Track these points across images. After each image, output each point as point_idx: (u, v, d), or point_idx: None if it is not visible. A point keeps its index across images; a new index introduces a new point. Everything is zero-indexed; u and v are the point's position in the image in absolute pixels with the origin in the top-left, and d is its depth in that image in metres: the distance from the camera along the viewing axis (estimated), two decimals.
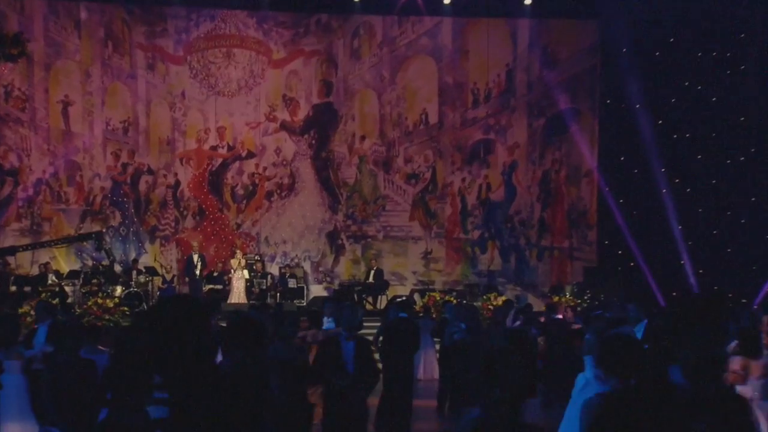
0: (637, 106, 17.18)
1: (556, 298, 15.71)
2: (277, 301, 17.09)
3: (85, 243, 17.83)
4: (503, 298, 15.55)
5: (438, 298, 16.05)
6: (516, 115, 19.53)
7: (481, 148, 19.80)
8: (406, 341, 7.97)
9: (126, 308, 14.59)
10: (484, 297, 16.44)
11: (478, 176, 19.86)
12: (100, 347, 6.01)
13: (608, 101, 18.27)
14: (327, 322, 8.49)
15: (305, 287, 18.42)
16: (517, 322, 10.93)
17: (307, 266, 19.64)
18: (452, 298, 16.00)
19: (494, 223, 19.67)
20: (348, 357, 5.56)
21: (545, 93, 19.00)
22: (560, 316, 11.21)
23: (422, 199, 19.98)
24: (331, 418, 5.68)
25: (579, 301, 15.95)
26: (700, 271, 16.85)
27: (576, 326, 10.10)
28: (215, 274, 18.30)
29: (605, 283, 16.85)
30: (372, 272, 18.20)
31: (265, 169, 20.22)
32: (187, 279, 18.03)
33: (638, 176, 17.55)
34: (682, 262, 16.95)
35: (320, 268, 19.95)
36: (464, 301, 15.22)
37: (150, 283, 17.38)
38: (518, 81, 19.34)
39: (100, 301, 14.45)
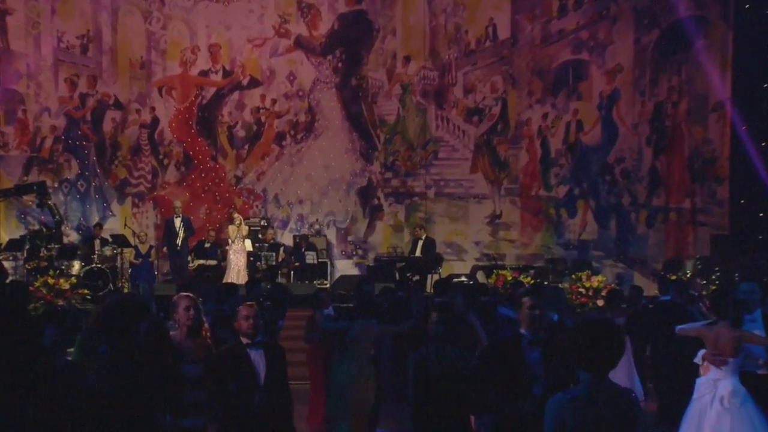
0: None
1: (673, 277, 13.73)
2: (290, 280, 16.57)
3: (26, 199, 17.17)
4: (600, 278, 14.96)
5: (509, 278, 15.08)
6: (618, 27, 18.23)
7: (569, 72, 18.63)
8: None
9: (86, 291, 14.11)
10: (573, 276, 15.34)
11: (566, 111, 18.60)
12: None
13: (747, 5, 16.78)
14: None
15: (329, 263, 17.94)
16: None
17: (331, 235, 19.11)
18: (529, 278, 15.17)
19: (587, 175, 18.42)
20: None
21: None
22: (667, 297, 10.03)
23: (488, 143, 19.03)
24: None
25: (704, 281, 14.87)
26: None
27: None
28: (207, 245, 17.16)
29: (741, 257, 15.75)
30: (420, 243, 17.07)
31: (274, 102, 19.55)
32: (165, 249, 17.24)
33: None
34: None
35: (349, 238, 19.29)
36: (545, 283, 14.94)
37: (118, 257, 16.46)
38: None
39: (51, 281, 13.85)
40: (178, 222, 16.54)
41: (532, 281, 14.69)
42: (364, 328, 7.36)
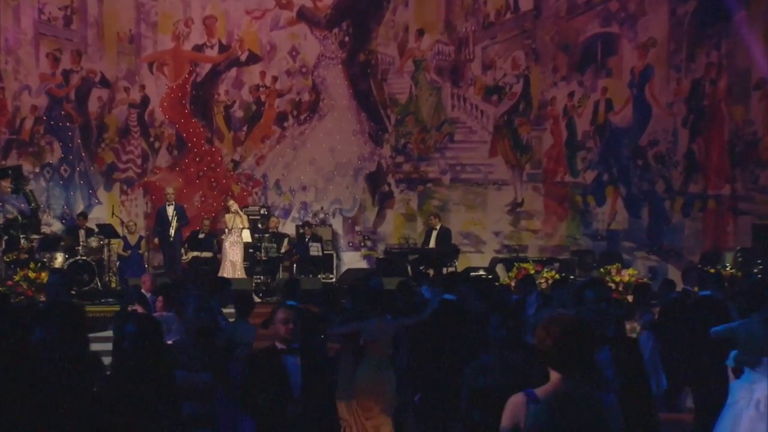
0: None
1: (712, 270, 13.95)
2: (293, 275, 16.28)
3: (3, 185, 16.88)
4: (631, 272, 15.23)
5: (532, 271, 15.10)
6: None
7: (598, 47, 18.68)
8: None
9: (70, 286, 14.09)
10: (602, 270, 15.45)
11: (594, 90, 18.62)
12: None
13: None
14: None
15: (335, 255, 17.83)
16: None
17: (337, 224, 18.98)
18: (553, 272, 15.51)
19: (617, 159, 18.47)
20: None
21: None
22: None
23: (509, 124, 19.00)
24: None
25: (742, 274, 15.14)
26: None
27: None
28: (201, 235, 17.15)
29: None
30: (434, 233, 16.95)
31: (275, 79, 19.39)
32: (156, 239, 17.21)
33: None
34: None
35: (357, 228, 19.19)
36: (571, 277, 14.61)
37: (105, 249, 16.31)
38: None
39: (32, 274, 14.03)
40: (170, 210, 16.33)
41: (557, 275, 14.91)
42: (379, 326, 7.26)
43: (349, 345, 7.41)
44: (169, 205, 16.35)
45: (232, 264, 15.86)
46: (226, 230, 16.13)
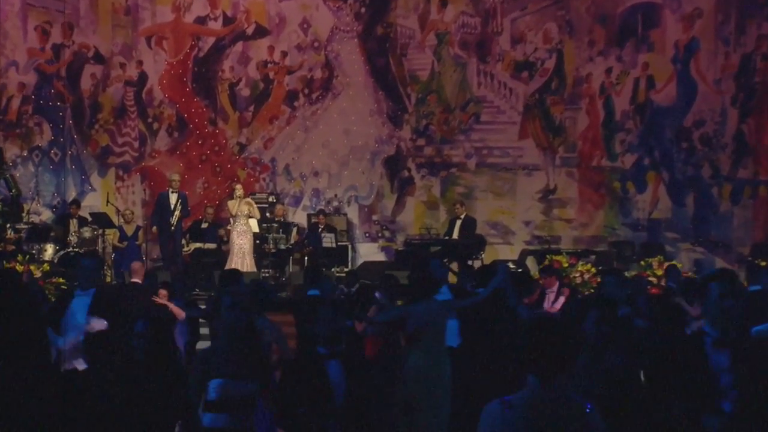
0: None
1: (763, 263, 13.77)
2: (311, 265, 16.04)
3: None
4: (675, 264, 14.52)
5: (565, 265, 14.88)
6: None
7: (638, 18, 18.54)
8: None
9: (61, 279, 13.80)
10: (642, 263, 15.20)
11: (634, 65, 18.48)
12: None
13: None
14: None
15: (349, 247, 17.86)
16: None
17: (352, 213, 18.92)
18: (589, 265, 15.08)
19: (659, 142, 18.37)
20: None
21: None
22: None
23: (540, 103, 18.82)
24: None
25: None
26: None
27: None
28: (204, 225, 17.03)
29: None
30: (458, 223, 16.83)
31: (284, 55, 19.22)
32: (154, 229, 16.84)
33: None
34: None
35: (374, 217, 19.08)
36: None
37: (99, 240, 16.26)
38: None
39: (20, 267, 13.44)
40: (174, 198, 16.25)
41: (593, 269, 14.83)
42: (428, 310, 7.07)
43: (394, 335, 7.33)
44: (172, 192, 16.27)
45: (241, 255, 15.83)
46: (231, 220, 16.05)
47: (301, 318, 7.57)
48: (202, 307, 10.59)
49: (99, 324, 6.36)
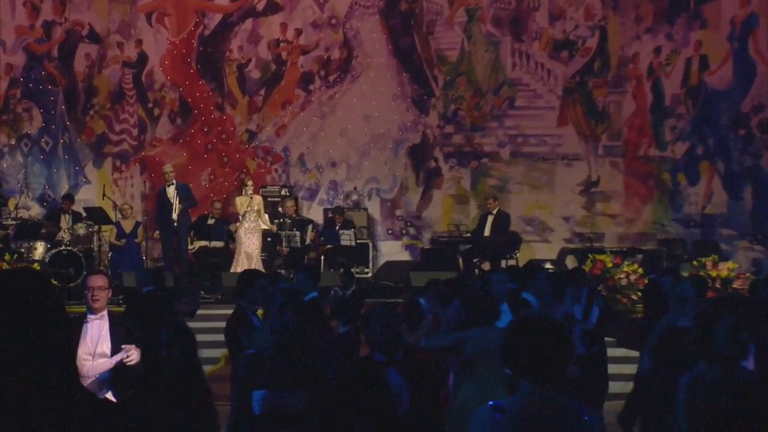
0: None
1: None
2: (319, 267, 16.10)
3: None
4: (731, 265, 15.23)
5: (609, 265, 14.87)
6: None
7: None
8: None
9: (53, 280, 13.75)
10: (695, 263, 15.34)
11: (685, 44, 18.32)
12: None
13: None
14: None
15: (371, 245, 17.63)
16: None
17: (374, 208, 18.73)
18: (635, 266, 14.99)
19: (714, 128, 18.25)
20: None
21: None
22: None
23: (582, 86, 18.64)
24: None
25: None
26: None
27: None
28: (211, 221, 16.89)
29: None
30: (490, 218, 16.65)
31: (298, 33, 18.91)
32: (156, 234, 17.00)
33: None
34: None
35: (397, 212, 18.87)
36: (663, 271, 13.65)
37: (95, 237, 16.13)
38: None
39: (6, 266, 13.91)
40: (171, 191, 15.87)
41: (640, 269, 14.65)
42: (487, 338, 6.88)
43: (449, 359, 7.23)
44: (169, 185, 15.94)
45: (248, 256, 15.55)
46: (240, 216, 15.82)
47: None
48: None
49: (137, 354, 6.16)
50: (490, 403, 3.47)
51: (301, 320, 5.85)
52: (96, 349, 6.41)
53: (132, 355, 6.08)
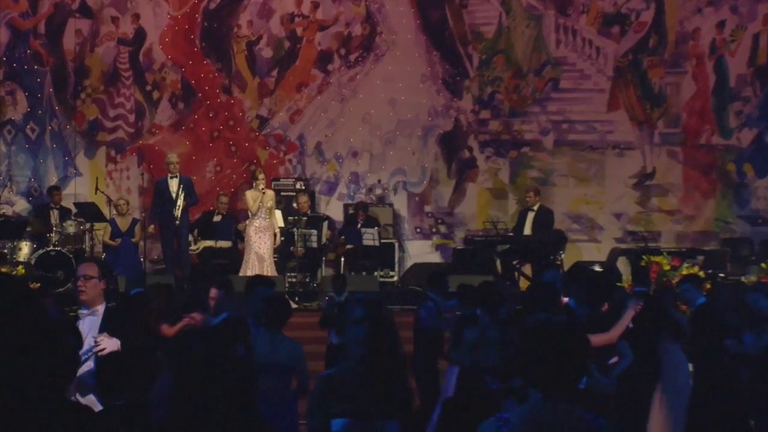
0: None
1: None
2: (341, 272, 16.19)
3: None
4: None
5: (667, 267, 14.33)
6: None
7: None
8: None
9: (39, 284, 13.93)
10: (764, 266, 15.02)
11: (752, 18, 17.83)
12: None
13: None
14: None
15: (397, 245, 17.37)
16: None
17: (400, 203, 18.33)
18: (695, 268, 14.38)
19: None
20: None
21: None
22: None
23: (635, 66, 18.14)
24: None
25: None
26: None
27: None
28: (217, 218, 16.72)
29: None
30: (531, 215, 16.41)
31: (315, 6, 18.41)
32: (151, 228, 16.48)
33: None
34: None
35: (427, 208, 18.43)
36: (722, 275, 15.47)
37: (87, 236, 16.32)
38: None
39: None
40: (174, 184, 15.48)
41: (701, 273, 13.91)
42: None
43: None
44: (172, 178, 15.46)
45: (259, 257, 15.10)
46: (250, 213, 15.35)
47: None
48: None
49: (110, 343, 6.03)
50: (498, 414, 3.49)
51: (385, 336, 5.57)
52: (85, 347, 6.24)
53: (102, 343, 5.97)
